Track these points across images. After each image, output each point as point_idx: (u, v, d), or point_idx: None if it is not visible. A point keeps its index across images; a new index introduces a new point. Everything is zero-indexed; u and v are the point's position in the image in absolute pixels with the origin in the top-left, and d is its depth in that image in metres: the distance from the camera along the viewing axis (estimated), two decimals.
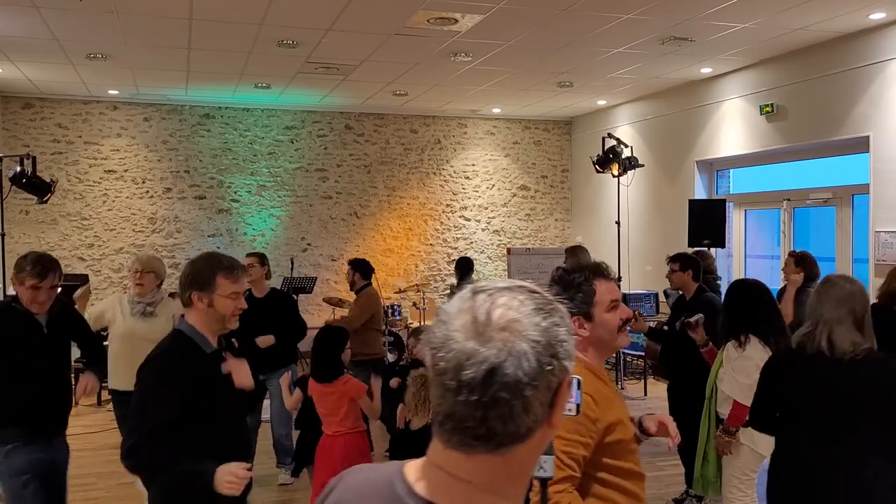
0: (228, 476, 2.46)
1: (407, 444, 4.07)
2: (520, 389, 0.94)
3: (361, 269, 7.16)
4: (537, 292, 1.03)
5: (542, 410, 0.97)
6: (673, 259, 5.58)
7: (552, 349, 0.97)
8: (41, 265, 3.57)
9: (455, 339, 0.97)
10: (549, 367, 0.96)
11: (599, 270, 2.37)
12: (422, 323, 10.30)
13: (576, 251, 7.16)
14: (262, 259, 6.09)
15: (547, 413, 0.99)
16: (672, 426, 2.34)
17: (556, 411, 1.00)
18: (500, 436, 0.96)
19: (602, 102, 11.16)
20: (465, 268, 7.71)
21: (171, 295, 5.14)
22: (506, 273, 11.29)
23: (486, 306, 0.99)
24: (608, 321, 2.30)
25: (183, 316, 2.75)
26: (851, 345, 3.00)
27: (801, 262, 6.26)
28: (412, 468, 1.07)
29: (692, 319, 4.70)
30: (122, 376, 4.62)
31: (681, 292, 5.63)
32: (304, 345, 6.60)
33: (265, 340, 5.59)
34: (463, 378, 0.95)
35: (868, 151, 7.20)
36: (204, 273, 2.68)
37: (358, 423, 4.42)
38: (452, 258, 11.86)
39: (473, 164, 12.39)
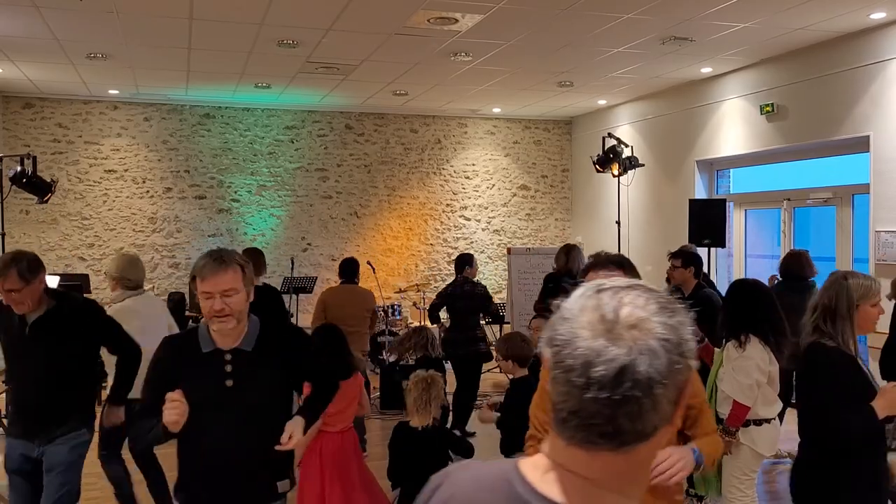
0: (167, 405, 2.49)
1: (408, 443, 4.05)
2: (651, 387, 0.95)
3: (339, 268, 7.18)
4: (657, 291, 1.04)
5: (668, 408, 0.98)
6: (675, 255, 5.61)
7: (680, 348, 0.98)
8: None
9: (581, 337, 0.98)
10: (678, 366, 0.97)
11: (595, 263, 2.51)
12: (421, 323, 10.31)
13: (565, 251, 7.05)
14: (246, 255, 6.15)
15: (672, 411, 1.00)
16: (664, 462, 2.26)
17: (679, 410, 1.01)
18: (626, 434, 0.97)
19: (602, 102, 11.16)
20: (460, 263, 7.61)
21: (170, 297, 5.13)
22: (506, 273, 11.29)
23: (612, 304, 0.99)
24: None
25: None
26: (805, 334, 3.08)
27: (784, 261, 6.31)
28: (529, 466, 1.07)
29: None
30: None
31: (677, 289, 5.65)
32: None
33: None
34: (593, 375, 0.95)
35: (868, 151, 7.20)
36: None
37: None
38: (453, 258, 11.85)
39: (473, 164, 12.39)
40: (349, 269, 7.05)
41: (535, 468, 1.05)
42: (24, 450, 3.63)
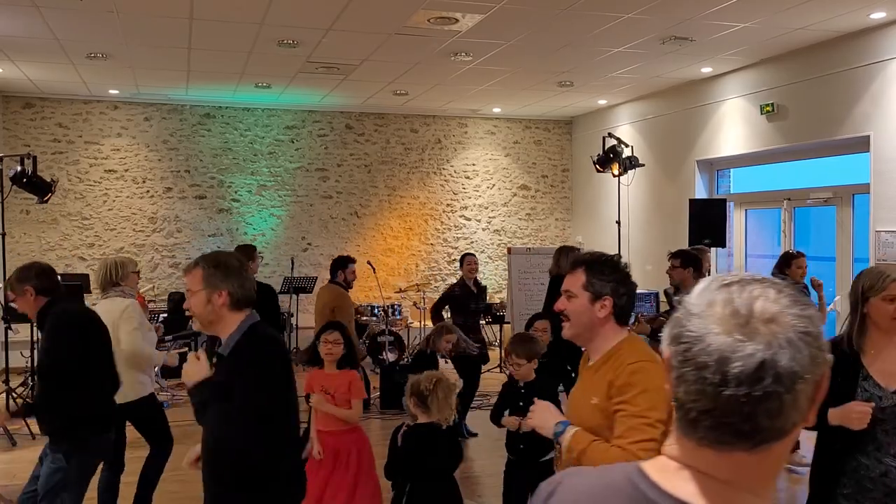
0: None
1: (430, 441, 4.03)
2: (793, 382, 0.92)
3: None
4: (782, 283, 1.00)
5: (806, 405, 0.95)
6: (674, 255, 5.60)
7: (818, 340, 0.95)
8: None
9: (714, 332, 0.94)
10: (818, 360, 0.95)
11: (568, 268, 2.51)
12: (422, 323, 10.31)
13: (561, 253, 7.03)
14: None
15: (809, 407, 0.96)
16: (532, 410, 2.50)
17: (815, 406, 0.97)
18: (764, 432, 0.93)
19: (602, 102, 11.16)
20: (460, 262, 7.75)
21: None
22: (507, 273, 11.29)
23: (744, 298, 0.96)
24: None
25: None
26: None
27: (776, 263, 6.34)
28: (653, 468, 1.03)
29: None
30: None
31: (677, 289, 5.65)
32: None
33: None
34: (730, 372, 0.92)
35: (868, 151, 7.20)
36: None
37: None
38: (453, 258, 11.86)
39: (474, 164, 12.39)
40: (331, 268, 7.36)
41: (662, 470, 1.02)
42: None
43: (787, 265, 6.28)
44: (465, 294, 7.47)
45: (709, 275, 6.13)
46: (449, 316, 7.58)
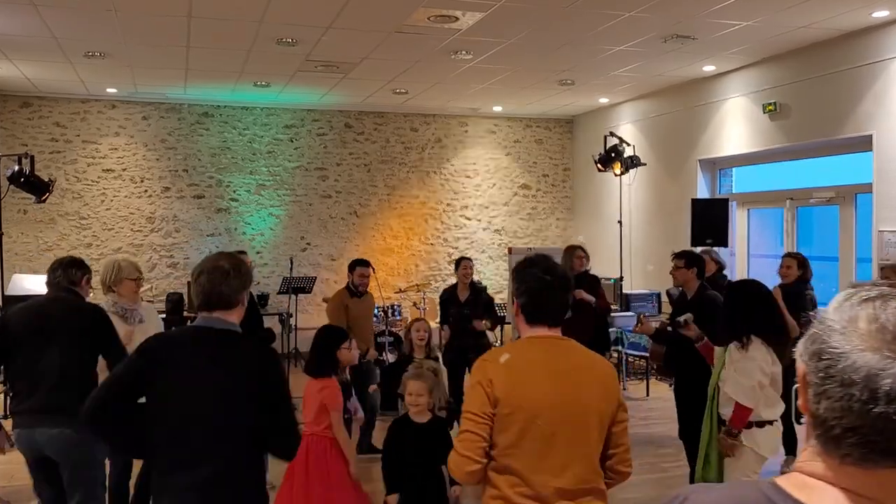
0: None
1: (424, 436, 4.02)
2: None
3: None
4: None
5: None
6: (678, 256, 5.54)
7: None
8: None
9: (858, 349, 0.93)
10: None
11: None
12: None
13: (565, 252, 6.99)
14: None
15: None
16: None
17: None
18: None
19: (604, 101, 11.11)
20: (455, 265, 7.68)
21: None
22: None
23: (889, 314, 0.95)
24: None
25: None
26: None
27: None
28: (791, 484, 1.02)
29: (681, 319, 4.70)
30: None
31: (681, 289, 5.60)
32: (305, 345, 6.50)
33: None
34: (880, 389, 0.91)
35: (871, 150, 7.15)
36: None
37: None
38: (453, 258, 11.81)
39: (474, 163, 12.34)
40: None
41: (802, 487, 1.01)
42: None
43: (780, 266, 6.29)
44: (449, 299, 7.34)
45: (726, 278, 6.04)
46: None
